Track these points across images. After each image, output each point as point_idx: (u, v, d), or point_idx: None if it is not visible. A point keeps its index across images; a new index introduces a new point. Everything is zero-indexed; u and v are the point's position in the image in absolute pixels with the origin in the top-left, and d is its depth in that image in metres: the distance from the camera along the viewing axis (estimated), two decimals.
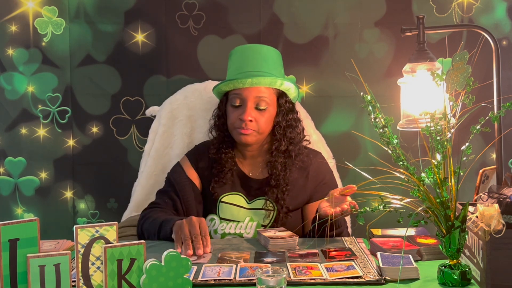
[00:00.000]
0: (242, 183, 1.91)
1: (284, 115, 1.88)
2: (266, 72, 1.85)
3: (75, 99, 2.40)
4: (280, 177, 1.84)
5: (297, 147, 1.88)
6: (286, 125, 1.88)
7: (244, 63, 1.88)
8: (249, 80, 1.82)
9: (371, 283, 1.33)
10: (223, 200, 1.89)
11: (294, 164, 1.87)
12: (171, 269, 1.22)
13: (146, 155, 2.26)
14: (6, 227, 1.16)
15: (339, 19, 2.36)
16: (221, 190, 1.90)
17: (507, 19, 2.35)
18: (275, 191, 1.84)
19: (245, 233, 1.85)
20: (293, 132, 1.88)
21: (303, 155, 1.89)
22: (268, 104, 1.85)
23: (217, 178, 1.90)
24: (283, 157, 1.86)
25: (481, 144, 2.28)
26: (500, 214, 1.27)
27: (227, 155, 1.90)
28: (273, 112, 1.87)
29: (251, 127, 1.83)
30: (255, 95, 1.83)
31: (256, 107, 1.84)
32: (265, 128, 1.86)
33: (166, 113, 2.23)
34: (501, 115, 1.39)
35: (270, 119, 1.87)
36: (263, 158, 1.92)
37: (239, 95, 1.84)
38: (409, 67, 1.80)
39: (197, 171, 1.94)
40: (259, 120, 1.84)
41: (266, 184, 1.88)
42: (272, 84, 1.84)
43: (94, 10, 2.37)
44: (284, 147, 1.86)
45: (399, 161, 1.34)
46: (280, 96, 1.88)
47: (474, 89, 1.33)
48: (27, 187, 2.43)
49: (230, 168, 1.90)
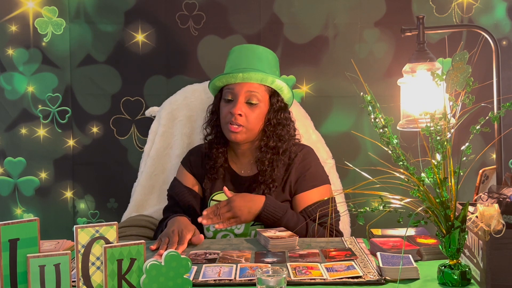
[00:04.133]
0: (233, 182, 1.92)
1: (275, 113, 1.88)
2: (259, 69, 1.86)
3: (75, 99, 2.40)
4: (267, 173, 1.85)
5: (285, 144, 1.88)
6: (276, 122, 1.88)
7: (238, 61, 1.90)
8: (240, 74, 1.84)
9: (371, 283, 1.33)
10: (214, 199, 1.91)
11: (280, 160, 1.87)
12: (171, 269, 1.22)
13: (146, 155, 2.26)
14: (6, 227, 1.16)
15: (339, 19, 2.37)
16: (212, 187, 1.92)
17: (507, 19, 2.35)
18: (262, 187, 1.86)
19: (236, 229, 1.85)
20: (283, 130, 1.89)
21: (290, 152, 1.90)
22: (259, 100, 1.85)
23: (209, 174, 1.92)
24: (271, 154, 1.87)
25: (481, 144, 2.28)
26: (500, 214, 1.27)
27: (218, 150, 1.91)
28: (265, 109, 1.88)
29: (240, 121, 1.83)
30: (246, 89, 1.84)
31: (247, 102, 1.85)
32: (255, 124, 1.86)
33: (166, 114, 2.23)
34: (501, 115, 1.39)
35: (260, 115, 1.87)
36: (253, 156, 1.93)
37: (231, 90, 1.86)
38: (409, 67, 1.80)
39: (193, 174, 1.96)
40: (249, 115, 1.84)
41: (254, 181, 1.89)
42: (264, 81, 1.85)
43: (94, 10, 2.37)
44: (273, 143, 1.87)
45: (399, 161, 1.34)
46: (273, 95, 1.89)
47: (474, 89, 1.33)
48: (27, 187, 2.43)
49: (221, 163, 1.91)
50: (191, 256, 1.54)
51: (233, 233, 1.86)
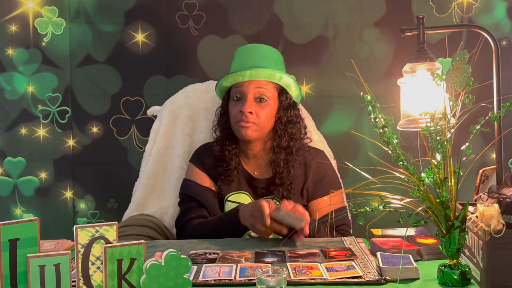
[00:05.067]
0: (248, 183, 1.92)
1: (285, 111, 1.88)
2: (266, 67, 1.86)
3: (75, 99, 2.40)
4: (284, 174, 1.85)
5: (298, 143, 1.88)
6: (287, 120, 1.88)
7: (244, 60, 1.89)
8: (248, 72, 1.83)
9: (371, 283, 1.33)
10: (229, 199, 1.90)
11: (296, 160, 1.87)
12: (171, 269, 1.22)
13: (147, 155, 2.26)
14: (6, 227, 1.16)
15: (339, 19, 2.37)
16: (227, 189, 1.91)
17: (507, 19, 2.35)
18: (280, 189, 1.85)
19: None
20: (294, 127, 1.89)
21: (304, 150, 1.90)
22: (268, 97, 1.85)
23: (223, 177, 1.90)
24: (285, 154, 1.87)
25: (481, 144, 2.28)
26: (500, 214, 1.27)
27: (231, 152, 1.90)
28: (274, 106, 1.88)
29: (251, 119, 1.83)
30: (255, 86, 1.84)
31: (256, 99, 1.84)
32: (266, 121, 1.86)
33: (167, 113, 2.23)
34: (501, 115, 1.39)
35: (271, 113, 1.87)
36: (266, 158, 1.92)
37: (239, 89, 1.86)
38: (409, 67, 1.80)
39: (206, 172, 1.94)
40: (259, 112, 1.84)
41: (271, 183, 1.88)
42: (271, 77, 1.85)
43: (94, 10, 2.37)
44: (285, 143, 1.86)
45: (399, 161, 1.34)
46: (281, 92, 1.89)
47: (474, 89, 1.33)
48: (26, 187, 2.43)
49: (235, 165, 1.90)
50: (191, 256, 1.55)
51: (250, 235, 1.84)
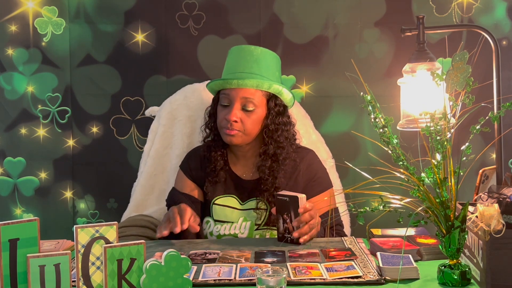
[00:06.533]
0: (235, 185, 1.91)
1: (273, 118, 1.85)
2: (256, 74, 1.83)
3: (75, 99, 2.40)
4: (268, 181, 1.84)
5: (285, 151, 1.86)
6: (274, 128, 1.85)
7: (236, 64, 1.87)
8: (235, 81, 1.81)
9: (371, 283, 1.33)
10: (216, 203, 1.90)
11: (281, 170, 1.85)
12: (171, 269, 1.22)
13: (145, 155, 2.26)
14: (6, 227, 1.16)
15: (339, 19, 2.37)
16: (214, 192, 1.90)
17: (507, 19, 2.35)
18: (265, 194, 1.84)
19: (239, 233, 1.85)
20: (281, 136, 1.86)
21: (290, 159, 1.88)
22: (255, 105, 1.83)
23: (210, 178, 1.90)
24: (271, 161, 1.85)
25: (481, 144, 2.28)
26: (500, 214, 1.27)
27: (217, 153, 1.90)
28: (262, 114, 1.85)
29: (236, 127, 1.81)
30: (242, 95, 1.82)
31: (242, 108, 1.83)
32: (252, 129, 1.84)
33: (166, 113, 2.23)
34: (501, 115, 1.39)
35: (257, 120, 1.85)
36: (255, 159, 1.91)
37: (227, 95, 1.84)
38: (409, 67, 1.80)
39: (192, 178, 1.94)
40: (245, 121, 1.82)
41: (257, 185, 1.87)
42: (259, 86, 1.82)
43: (94, 10, 2.37)
44: (272, 150, 1.84)
45: (399, 161, 1.34)
46: (270, 98, 1.86)
47: (474, 89, 1.33)
48: (26, 187, 2.43)
49: (221, 166, 1.89)
50: (191, 256, 1.55)
51: (237, 237, 1.85)
